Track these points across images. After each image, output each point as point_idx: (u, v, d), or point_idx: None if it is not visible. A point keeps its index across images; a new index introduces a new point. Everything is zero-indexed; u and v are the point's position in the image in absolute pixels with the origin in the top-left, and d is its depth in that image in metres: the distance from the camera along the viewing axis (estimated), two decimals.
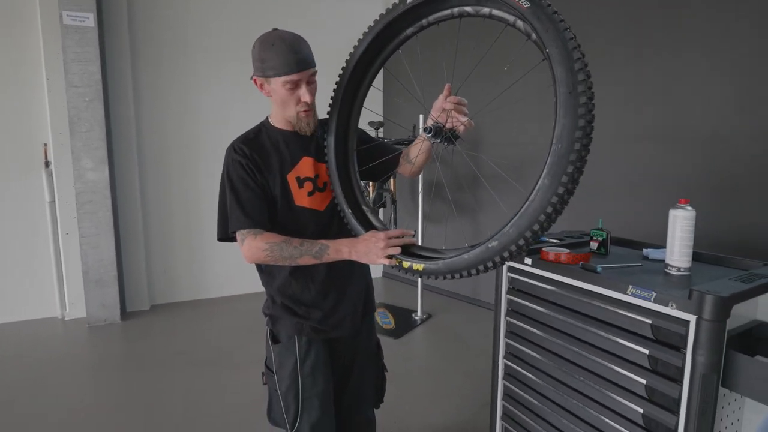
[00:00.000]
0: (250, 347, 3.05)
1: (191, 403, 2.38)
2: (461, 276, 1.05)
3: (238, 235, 1.21)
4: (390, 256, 1.14)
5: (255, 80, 1.23)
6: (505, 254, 0.97)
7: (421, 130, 1.19)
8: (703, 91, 2.41)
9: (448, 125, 1.14)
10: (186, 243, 3.95)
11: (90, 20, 3.23)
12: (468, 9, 1.08)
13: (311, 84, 1.22)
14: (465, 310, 3.72)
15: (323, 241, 1.18)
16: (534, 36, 0.95)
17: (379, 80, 4.59)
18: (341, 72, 1.30)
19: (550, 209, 0.90)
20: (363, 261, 1.16)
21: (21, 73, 3.35)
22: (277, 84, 1.19)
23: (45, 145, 3.44)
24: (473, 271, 1.03)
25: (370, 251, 1.13)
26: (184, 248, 3.95)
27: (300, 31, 1.22)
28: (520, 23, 0.98)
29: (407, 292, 3.91)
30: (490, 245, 0.98)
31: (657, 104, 2.60)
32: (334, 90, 1.31)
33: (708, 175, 2.40)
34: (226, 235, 1.26)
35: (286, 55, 1.15)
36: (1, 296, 3.43)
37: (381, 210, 3.83)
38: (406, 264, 1.13)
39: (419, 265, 1.10)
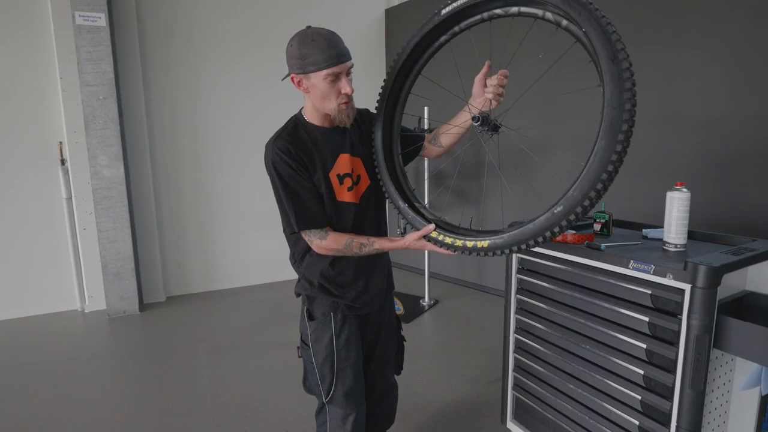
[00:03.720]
0: (265, 334, 3.18)
1: (214, 387, 2.51)
2: (527, 247, 1.08)
3: (305, 233, 1.34)
4: (448, 246, 1.24)
5: (293, 78, 1.29)
6: (572, 217, 1.01)
7: (470, 120, 1.28)
8: (697, 80, 2.53)
9: (493, 105, 1.25)
10: (198, 236, 4.06)
11: (102, 20, 3.31)
12: (497, 11, 1.17)
13: (349, 76, 1.30)
14: (471, 295, 3.86)
15: (380, 246, 1.34)
16: (564, 23, 1.05)
17: (382, 77, 4.67)
18: (383, 84, 1.41)
19: (610, 167, 0.96)
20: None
21: (35, 74, 3.43)
22: (318, 78, 1.25)
23: (60, 143, 3.54)
24: (540, 239, 1.05)
25: (418, 248, 1.32)
26: (197, 241, 4.07)
27: (304, 26, 1.29)
28: (549, 15, 1.08)
29: (414, 279, 4.04)
30: (555, 210, 1.03)
31: (654, 93, 2.71)
32: (377, 101, 1.42)
33: (703, 160, 2.53)
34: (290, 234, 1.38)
35: (327, 49, 1.22)
36: (23, 291, 3.55)
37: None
38: (470, 244, 1.17)
39: (484, 242, 1.15)
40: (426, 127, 3.47)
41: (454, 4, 1.22)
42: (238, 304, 3.81)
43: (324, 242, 1.32)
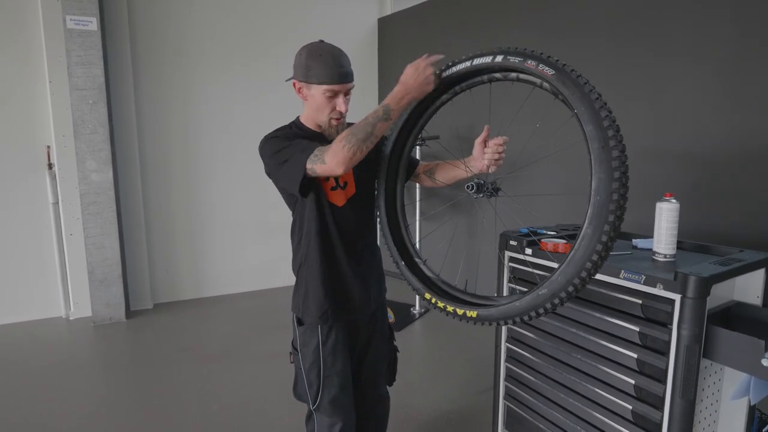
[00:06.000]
0: (255, 342, 3.14)
1: (200, 396, 2.47)
2: (513, 323, 1.14)
3: (312, 164, 1.21)
4: (441, 309, 1.28)
5: (294, 83, 1.34)
6: (556, 300, 1.03)
7: (465, 187, 1.32)
8: (683, 98, 2.58)
9: (491, 170, 1.29)
10: (187, 242, 4.02)
11: (93, 24, 3.29)
12: (497, 75, 1.18)
13: (347, 96, 1.34)
14: None
15: (383, 103, 1.20)
16: (561, 96, 1.04)
17: (374, 85, 4.70)
18: (385, 144, 1.42)
19: (595, 257, 0.96)
20: (420, 92, 1.20)
21: (24, 77, 3.39)
22: (318, 91, 1.30)
23: (48, 147, 3.48)
24: (525, 317, 1.10)
25: (419, 79, 1.17)
26: (186, 247, 4.02)
27: (297, 35, 1.31)
28: (546, 85, 1.07)
29: (405, 288, 4.03)
30: (540, 293, 1.05)
31: (642, 108, 2.76)
32: (379, 163, 1.43)
33: (689, 174, 2.57)
34: (302, 182, 1.25)
35: (332, 66, 1.27)
36: (5, 296, 3.47)
37: None
38: (460, 311, 1.23)
39: (473, 312, 1.20)
40: (424, 139, 3.47)
41: (455, 68, 1.22)
42: (227, 312, 3.76)
43: (330, 148, 1.19)
